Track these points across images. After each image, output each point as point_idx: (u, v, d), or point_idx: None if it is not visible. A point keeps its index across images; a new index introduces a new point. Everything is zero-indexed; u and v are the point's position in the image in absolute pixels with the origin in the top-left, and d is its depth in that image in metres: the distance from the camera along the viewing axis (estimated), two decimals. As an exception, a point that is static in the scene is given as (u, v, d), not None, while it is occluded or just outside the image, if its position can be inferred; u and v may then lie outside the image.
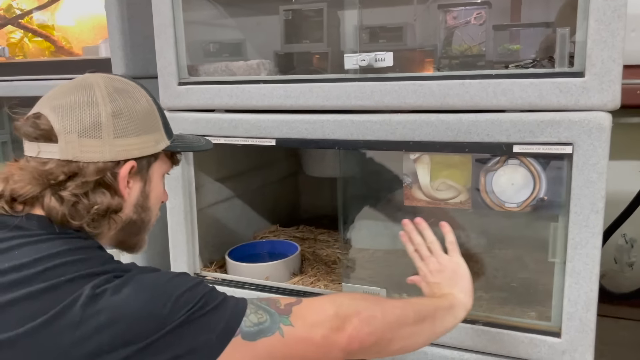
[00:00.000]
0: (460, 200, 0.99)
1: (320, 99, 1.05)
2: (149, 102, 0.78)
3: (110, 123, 0.72)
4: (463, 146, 0.96)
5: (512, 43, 1.32)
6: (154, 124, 0.78)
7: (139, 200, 0.77)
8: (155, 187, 0.80)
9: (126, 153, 0.73)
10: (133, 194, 0.76)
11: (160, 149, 0.78)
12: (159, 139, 0.78)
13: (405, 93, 0.99)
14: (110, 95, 0.73)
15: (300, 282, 1.29)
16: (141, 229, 0.80)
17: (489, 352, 1.01)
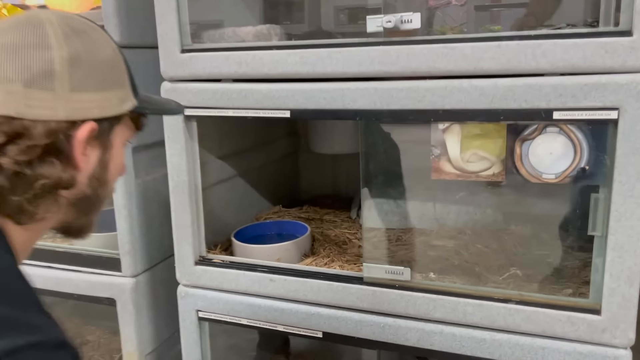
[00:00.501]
0: (493, 172, 0.93)
1: (340, 65, 0.98)
2: (114, 50, 0.64)
3: (66, 71, 0.57)
4: (498, 114, 0.89)
5: (493, 24, 1.26)
6: (120, 78, 0.64)
7: (95, 172, 0.63)
8: (116, 157, 0.66)
9: (85, 111, 0.59)
10: (90, 164, 0.62)
11: (126, 109, 0.64)
12: (124, 97, 0.64)
13: (435, 57, 0.91)
14: (67, 37, 0.59)
15: (314, 263, 1.22)
16: (94, 207, 0.66)
17: (522, 332, 0.96)
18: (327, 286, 1.09)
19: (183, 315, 1.23)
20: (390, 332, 1.05)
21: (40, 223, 0.62)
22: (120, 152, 0.68)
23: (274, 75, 1.03)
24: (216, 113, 1.09)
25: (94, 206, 0.66)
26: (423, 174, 1.01)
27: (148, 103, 0.70)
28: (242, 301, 1.16)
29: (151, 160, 1.34)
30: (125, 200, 1.24)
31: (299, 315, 1.12)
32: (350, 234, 1.43)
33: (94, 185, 0.64)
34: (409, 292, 1.03)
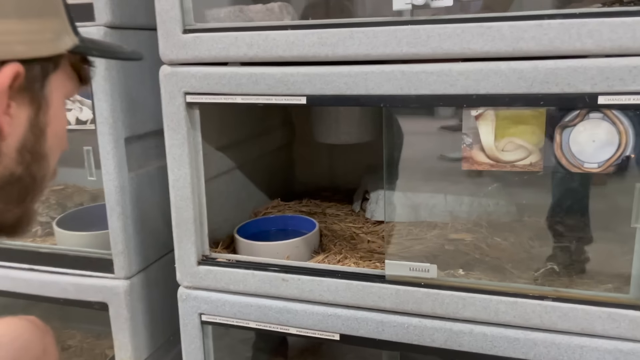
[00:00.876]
0: (530, 161, 0.87)
1: (363, 46, 0.90)
2: None
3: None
4: (538, 99, 0.83)
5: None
6: (54, 4, 0.48)
7: (27, 141, 0.46)
8: (56, 118, 0.49)
9: (4, 47, 0.42)
10: (17, 128, 0.45)
11: (64, 48, 0.48)
12: (60, 30, 0.47)
13: (470, 37, 0.84)
14: None
15: (326, 261, 1.14)
16: (29, 191, 0.49)
17: (559, 330, 0.91)
18: (345, 285, 1.01)
19: (184, 319, 1.14)
20: (415, 333, 0.98)
21: None
22: (61, 114, 0.50)
23: (289, 57, 0.94)
24: (223, 100, 1.00)
25: (29, 190, 0.49)
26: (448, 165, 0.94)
27: (93, 43, 0.53)
28: (250, 303, 1.08)
29: (144, 152, 1.23)
30: (118, 196, 1.14)
31: (314, 317, 1.04)
32: (356, 228, 1.36)
33: (26, 160, 0.46)
34: (436, 290, 0.96)
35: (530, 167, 0.87)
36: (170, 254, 1.33)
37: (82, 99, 1.12)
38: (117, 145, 1.12)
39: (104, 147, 1.11)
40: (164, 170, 1.29)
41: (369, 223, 1.39)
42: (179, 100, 1.02)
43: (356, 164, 1.69)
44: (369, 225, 1.37)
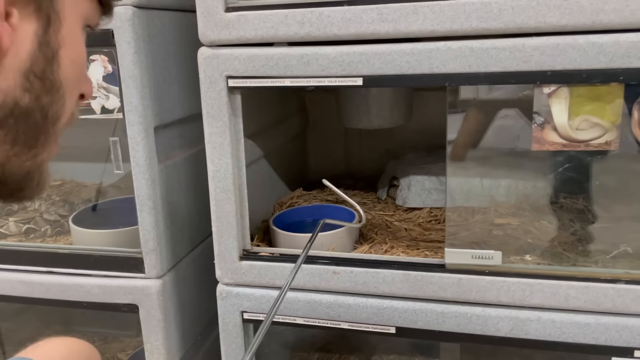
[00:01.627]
0: (606, 140, 0.83)
1: (428, 22, 0.84)
2: None
3: None
4: (617, 74, 0.80)
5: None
6: None
7: (35, 61, 0.38)
8: (71, 41, 0.40)
9: None
10: (21, 44, 0.36)
11: None
12: None
13: (546, 10, 0.80)
14: None
15: (372, 251, 1.09)
16: (41, 131, 0.39)
17: (632, 313, 0.88)
18: (402, 276, 0.96)
19: (224, 317, 1.07)
20: (478, 322, 0.94)
21: None
22: (77, 37, 0.41)
23: (345, 36, 0.88)
24: (270, 83, 0.93)
25: (42, 130, 0.39)
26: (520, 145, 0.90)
27: None
28: (298, 298, 1.02)
29: (169, 142, 1.16)
30: (149, 189, 1.06)
31: (368, 310, 0.99)
32: (388, 217, 1.31)
33: (35, 87, 0.37)
34: (502, 277, 0.92)
35: (605, 145, 0.84)
36: (197, 249, 1.27)
37: (108, 85, 1.03)
38: (148, 135, 1.04)
39: (133, 137, 1.03)
40: (188, 160, 1.22)
41: (400, 210, 1.34)
42: (221, 84, 0.95)
43: (371, 150, 1.64)
44: (401, 213, 1.33)
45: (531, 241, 1.05)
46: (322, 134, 1.65)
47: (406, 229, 1.22)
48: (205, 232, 1.30)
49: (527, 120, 0.88)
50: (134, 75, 1.00)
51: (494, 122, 0.96)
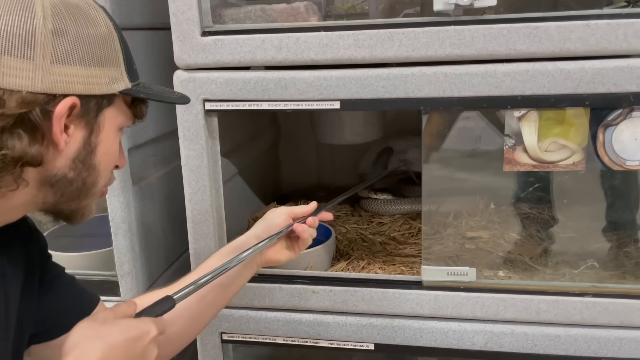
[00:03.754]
0: (573, 161, 0.87)
1: (403, 48, 0.86)
2: (109, 28, 0.61)
3: (49, 41, 0.55)
4: (584, 99, 0.83)
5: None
6: (112, 55, 0.61)
7: (80, 154, 0.60)
8: (107, 141, 0.63)
9: (66, 85, 0.56)
10: (73, 144, 0.59)
11: (116, 89, 0.61)
12: (116, 76, 0.61)
13: (516, 38, 0.83)
14: (55, 9, 0.56)
15: (350, 268, 1.11)
16: (81, 192, 0.62)
17: (599, 325, 0.93)
18: (381, 294, 0.98)
19: (203, 338, 1.07)
20: (454, 337, 0.97)
21: (9, 202, 0.58)
22: (111, 138, 0.63)
23: (322, 61, 0.89)
24: (247, 107, 0.93)
25: (81, 192, 0.62)
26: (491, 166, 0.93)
27: (145, 88, 0.65)
28: (277, 318, 1.03)
29: (143, 162, 1.14)
30: (124, 212, 1.05)
31: (347, 329, 1.01)
32: (363, 230, 1.33)
33: (78, 168, 0.60)
34: (477, 293, 0.95)
35: (573, 166, 0.88)
36: (173, 267, 1.26)
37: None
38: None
39: (107, 160, 1.01)
40: (162, 180, 1.21)
41: (374, 223, 1.36)
42: (197, 107, 0.94)
43: (344, 162, 1.66)
44: (374, 225, 1.35)
45: (502, 254, 1.09)
46: (295, 145, 1.66)
47: (381, 243, 1.24)
48: (181, 250, 1.29)
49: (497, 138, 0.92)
50: (107, 97, 0.98)
51: (467, 140, 0.99)
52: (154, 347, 0.62)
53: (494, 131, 0.90)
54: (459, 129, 0.96)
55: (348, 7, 1.23)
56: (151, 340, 0.61)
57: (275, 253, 0.85)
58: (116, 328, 0.59)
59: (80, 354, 0.56)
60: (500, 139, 0.88)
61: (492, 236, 1.14)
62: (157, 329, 0.62)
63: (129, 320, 0.62)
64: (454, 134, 0.96)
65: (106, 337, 0.58)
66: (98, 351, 0.56)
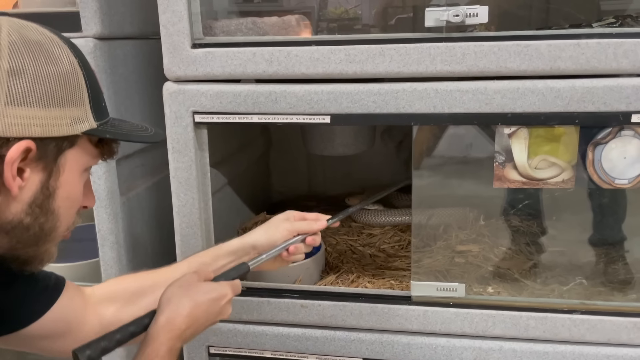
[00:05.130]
0: (563, 179, 0.87)
1: (395, 64, 0.86)
2: (73, 65, 0.58)
3: (4, 82, 0.53)
4: (573, 117, 0.84)
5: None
6: (75, 94, 0.58)
7: (37, 198, 0.58)
8: (68, 184, 0.60)
9: (22, 128, 0.54)
10: (29, 189, 0.57)
11: (79, 130, 0.58)
12: (79, 117, 0.58)
13: (507, 55, 0.83)
14: (13, 46, 0.54)
15: (339, 281, 1.10)
16: (39, 238, 0.60)
17: (586, 342, 0.93)
18: (370, 309, 0.98)
19: (190, 352, 1.06)
20: (443, 353, 0.97)
21: None
22: (74, 180, 0.61)
23: (313, 75, 0.89)
24: (237, 119, 0.93)
25: (40, 238, 0.60)
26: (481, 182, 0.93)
27: (114, 127, 0.63)
28: (265, 332, 1.02)
29: (131, 172, 1.13)
30: (111, 224, 1.03)
31: (335, 343, 1.00)
32: (352, 241, 1.33)
33: (35, 213, 0.58)
34: (466, 309, 0.95)
35: (562, 184, 0.88)
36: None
37: (68, 118, 1.00)
38: (109, 169, 1.02)
39: (94, 171, 1.00)
40: (150, 190, 1.20)
41: (364, 234, 1.36)
42: (187, 120, 0.93)
43: (335, 171, 1.65)
44: (364, 237, 1.35)
45: (491, 269, 1.09)
46: (285, 154, 1.65)
47: (371, 255, 1.24)
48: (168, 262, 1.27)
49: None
50: (95, 108, 0.97)
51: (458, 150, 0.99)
52: (229, 307, 0.73)
53: (485, 141, 0.90)
54: (450, 137, 0.96)
55: (341, 11, 1.23)
56: (228, 301, 0.72)
57: (265, 263, 0.85)
58: (201, 289, 0.69)
59: (173, 309, 0.66)
60: (491, 149, 0.88)
61: (482, 250, 1.15)
62: (232, 291, 0.73)
63: (210, 283, 0.72)
64: (444, 144, 0.96)
65: (193, 296, 0.68)
66: (187, 308, 0.66)
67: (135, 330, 0.67)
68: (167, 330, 0.65)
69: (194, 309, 0.67)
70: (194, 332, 0.69)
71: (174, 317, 0.66)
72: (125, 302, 0.79)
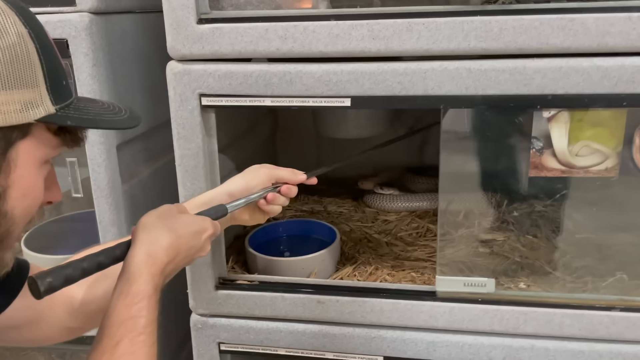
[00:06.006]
0: (606, 167, 0.80)
1: (423, 40, 0.77)
2: (21, 37, 0.49)
3: None
4: (621, 99, 0.76)
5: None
6: (26, 73, 0.49)
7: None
8: (23, 181, 0.52)
9: None
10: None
11: (32, 118, 0.49)
12: (32, 100, 0.49)
13: (549, 30, 0.75)
14: None
15: (357, 274, 1.04)
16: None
17: (625, 340, 0.87)
18: (392, 305, 0.91)
19: (199, 349, 1.00)
20: (470, 351, 0.91)
21: None
22: (31, 176, 0.52)
23: (332, 53, 0.80)
24: (248, 103, 0.85)
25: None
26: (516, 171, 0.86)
27: (77, 110, 0.53)
28: (279, 328, 0.96)
29: (133, 158, 1.06)
30: (112, 214, 0.96)
31: (354, 341, 0.94)
32: (367, 228, 1.26)
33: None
34: (495, 305, 0.89)
35: (605, 172, 0.80)
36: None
37: (63, 101, 0.92)
38: (110, 155, 0.94)
39: (93, 158, 0.93)
40: (154, 176, 1.13)
41: (379, 221, 1.29)
42: (193, 103, 0.86)
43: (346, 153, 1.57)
44: (379, 223, 1.28)
45: (519, 260, 1.02)
46: (293, 137, 1.57)
47: (387, 244, 1.17)
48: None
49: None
50: (93, 90, 0.90)
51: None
52: (209, 243, 0.68)
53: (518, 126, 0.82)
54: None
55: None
56: (208, 236, 0.67)
57: (242, 213, 0.81)
58: (181, 221, 0.65)
59: (153, 241, 0.60)
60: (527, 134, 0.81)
61: (507, 238, 1.08)
62: (212, 228, 0.68)
63: (190, 215, 0.67)
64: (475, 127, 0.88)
65: (174, 227, 0.62)
66: (168, 239, 0.61)
67: (104, 261, 0.60)
68: (150, 265, 0.58)
69: (175, 240, 0.61)
70: (175, 267, 0.63)
71: (155, 250, 0.59)
72: (95, 280, 0.71)
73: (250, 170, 0.82)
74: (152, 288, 0.58)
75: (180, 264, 0.64)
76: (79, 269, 0.57)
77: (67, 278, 0.56)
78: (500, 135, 0.85)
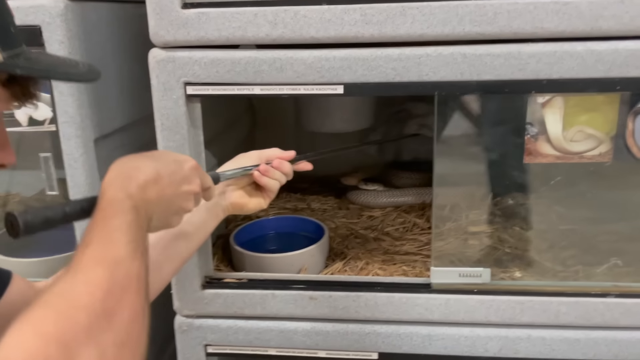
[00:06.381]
0: (600, 152, 0.80)
1: (417, 25, 0.76)
2: None
3: None
4: (615, 83, 0.76)
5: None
6: None
7: None
8: None
9: None
10: None
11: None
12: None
13: (544, 14, 0.74)
14: None
15: (347, 269, 1.01)
16: None
17: (620, 327, 0.87)
18: (386, 299, 0.89)
19: (185, 353, 0.95)
20: (466, 344, 0.89)
21: None
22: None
23: (324, 39, 0.78)
24: (237, 91, 0.82)
25: None
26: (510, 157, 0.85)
27: (29, 60, 0.48)
28: (270, 327, 0.93)
29: (110, 154, 1.00)
30: (91, 213, 0.91)
31: (348, 337, 0.91)
32: (353, 225, 1.24)
33: None
34: (491, 296, 0.87)
35: (599, 157, 0.80)
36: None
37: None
38: (87, 150, 0.89)
39: (69, 153, 0.88)
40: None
41: (363, 216, 1.27)
42: (178, 92, 0.82)
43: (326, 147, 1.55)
44: (365, 219, 1.26)
45: (509, 251, 1.01)
46: (273, 133, 1.54)
47: (375, 239, 1.15)
48: (154, 252, 1.16)
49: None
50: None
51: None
52: (195, 176, 0.62)
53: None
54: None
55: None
56: (191, 167, 0.61)
57: (242, 197, 0.78)
58: (158, 152, 0.63)
59: (126, 160, 0.55)
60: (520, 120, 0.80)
61: (495, 230, 1.07)
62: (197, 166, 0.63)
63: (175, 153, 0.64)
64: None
65: (149, 155, 0.59)
66: (144, 160, 0.56)
67: (87, 206, 0.55)
68: (122, 179, 0.52)
69: (152, 162, 0.56)
70: (160, 192, 0.55)
71: (127, 169, 0.54)
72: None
73: (241, 155, 0.80)
74: (131, 207, 0.51)
75: (167, 190, 0.57)
76: (60, 213, 0.53)
77: (47, 220, 0.52)
78: (496, 123, 0.85)
